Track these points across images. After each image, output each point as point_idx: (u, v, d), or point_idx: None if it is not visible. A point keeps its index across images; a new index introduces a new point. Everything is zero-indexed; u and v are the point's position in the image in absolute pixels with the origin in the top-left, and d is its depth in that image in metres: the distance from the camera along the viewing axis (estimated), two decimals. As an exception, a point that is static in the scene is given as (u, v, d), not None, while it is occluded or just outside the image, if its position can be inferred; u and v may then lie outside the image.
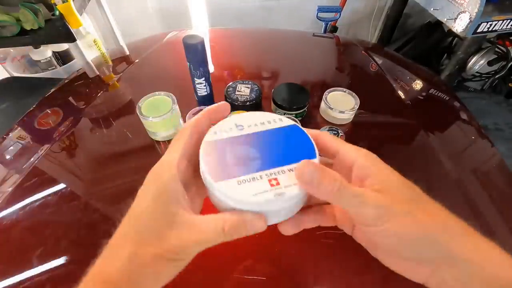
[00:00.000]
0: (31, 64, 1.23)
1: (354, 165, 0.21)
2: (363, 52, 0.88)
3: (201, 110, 0.58)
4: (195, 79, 0.57)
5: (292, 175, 0.21)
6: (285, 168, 0.21)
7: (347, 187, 0.19)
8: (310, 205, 0.25)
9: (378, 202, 0.19)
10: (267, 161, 0.21)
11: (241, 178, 0.20)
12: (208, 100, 0.61)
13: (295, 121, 0.23)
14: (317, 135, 0.24)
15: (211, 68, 0.78)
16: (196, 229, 0.19)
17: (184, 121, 0.59)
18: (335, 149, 0.23)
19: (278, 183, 0.20)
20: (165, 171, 0.20)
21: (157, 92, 0.58)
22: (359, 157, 0.21)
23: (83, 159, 0.59)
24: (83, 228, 0.47)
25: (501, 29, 1.07)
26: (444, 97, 0.76)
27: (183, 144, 0.22)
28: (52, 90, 0.75)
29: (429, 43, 1.60)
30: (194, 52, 0.52)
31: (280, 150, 0.22)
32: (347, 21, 1.77)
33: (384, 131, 0.66)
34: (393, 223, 0.19)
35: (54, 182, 0.53)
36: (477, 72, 1.44)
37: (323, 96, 0.62)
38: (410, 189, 0.21)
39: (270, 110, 0.65)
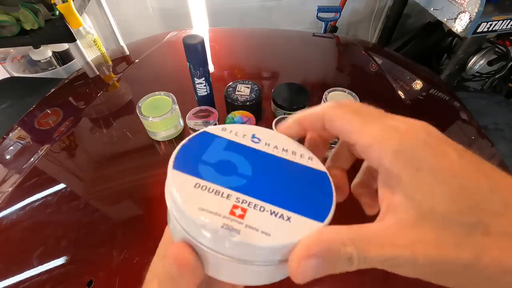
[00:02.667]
0: (31, 64, 1.23)
1: (379, 173, 0.14)
2: (363, 52, 0.88)
3: (201, 110, 0.58)
4: (195, 79, 0.57)
5: (271, 221, 0.14)
6: (269, 206, 0.15)
7: (361, 259, 0.13)
8: None
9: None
10: (252, 187, 0.15)
11: (202, 182, 0.15)
12: (208, 100, 0.61)
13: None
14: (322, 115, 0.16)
15: (211, 68, 0.78)
16: None
17: (184, 121, 0.59)
18: (352, 141, 0.15)
19: (242, 216, 0.14)
20: None
21: (157, 92, 0.58)
22: (385, 156, 0.14)
23: (83, 159, 0.59)
24: (83, 228, 0.47)
25: (501, 29, 1.07)
26: (444, 97, 0.76)
27: None
28: (52, 90, 0.75)
29: (429, 43, 1.60)
30: (194, 52, 0.52)
31: (282, 188, 0.16)
32: (347, 21, 1.77)
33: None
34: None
35: (54, 182, 0.53)
36: (477, 72, 1.44)
37: (323, 96, 0.62)
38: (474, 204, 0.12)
39: (270, 110, 0.65)
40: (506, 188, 0.13)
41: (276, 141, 0.18)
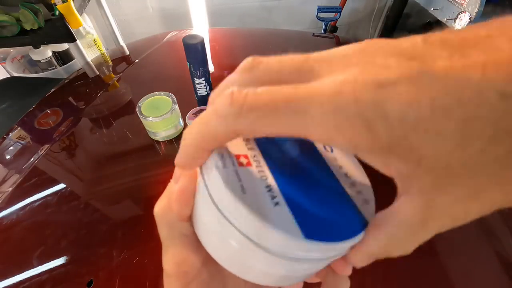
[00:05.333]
0: (31, 64, 1.23)
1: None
2: (363, 52, 0.88)
3: (201, 110, 0.58)
4: (195, 79, 0.57)
5: None
6: None
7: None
8: None
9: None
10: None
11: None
12: (208, 100, 0.61)
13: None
14: None
15: (211, 68, 0.78)
16: None
17: (184, 121, 0.59)
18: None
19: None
20: None
21: (157, 92, 0.58)
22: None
23: (83, 159, 0.59)
24: (83, 228, 0.47)
25: (501, 29, 1.07)
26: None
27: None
28: (52, 90, 0.75)
29: (429, 43, 1.60)
30: (194, 52, 0.52)
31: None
32: (347, 21, 1.77)
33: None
34: None
35: (54, 182, 0.53)
36: (477, 72, 1.44)
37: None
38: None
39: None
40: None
41: (345, 159, 0.16)
